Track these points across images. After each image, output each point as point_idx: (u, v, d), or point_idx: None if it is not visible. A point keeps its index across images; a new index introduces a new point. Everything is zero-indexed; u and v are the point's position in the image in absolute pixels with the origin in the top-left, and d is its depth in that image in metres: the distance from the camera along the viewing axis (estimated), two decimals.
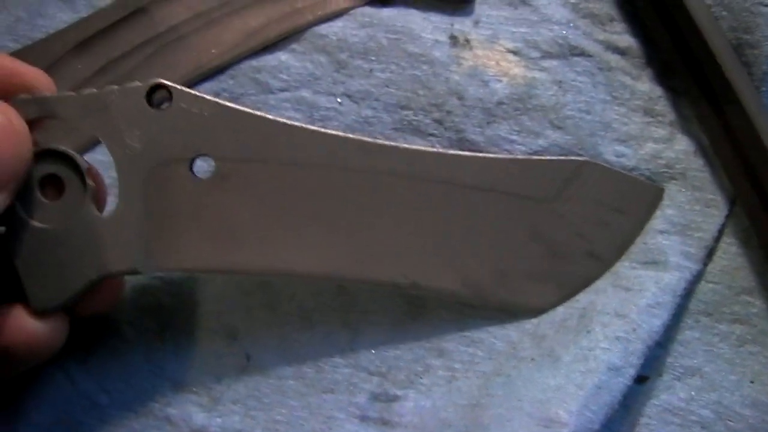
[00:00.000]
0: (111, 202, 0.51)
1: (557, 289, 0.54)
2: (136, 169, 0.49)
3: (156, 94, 0.49)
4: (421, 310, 0.55)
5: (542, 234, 0.53)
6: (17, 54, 0.58)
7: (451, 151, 0.54)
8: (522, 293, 0.54)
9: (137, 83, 0.49)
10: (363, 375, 0.54)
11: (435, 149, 0.55)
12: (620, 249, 0.55)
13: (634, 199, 0.55)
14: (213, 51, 0.59)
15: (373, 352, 0.55)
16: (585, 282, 0.54)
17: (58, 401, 0.54)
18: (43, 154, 0.47)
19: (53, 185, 0.48)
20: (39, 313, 0.47)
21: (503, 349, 0.54)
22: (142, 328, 0.56)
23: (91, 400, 0.54)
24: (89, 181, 0.48)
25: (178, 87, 0.49)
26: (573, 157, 0.55)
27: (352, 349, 0.55)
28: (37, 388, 0.54)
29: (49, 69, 0.54)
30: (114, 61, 0.59)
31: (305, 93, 0.58)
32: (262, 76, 0.58)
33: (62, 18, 0.60)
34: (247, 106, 0.56)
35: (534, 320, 0.54)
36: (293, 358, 0.55)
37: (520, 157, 0.55)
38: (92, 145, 0.56)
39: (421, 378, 0.54)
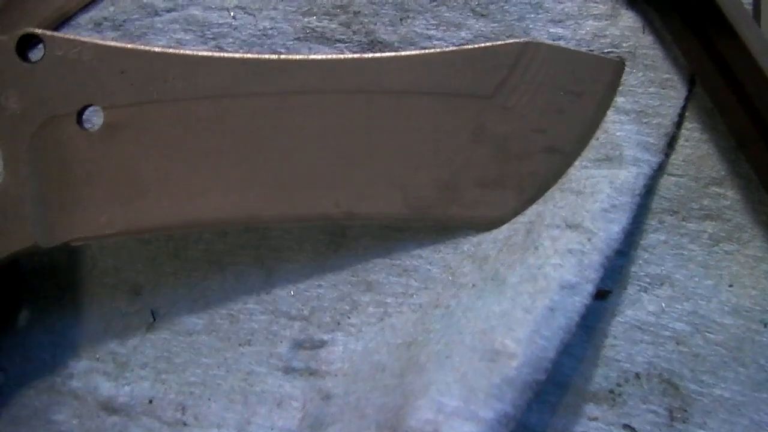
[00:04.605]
0: None
1: (517, 194, 0.39)
2: (18, 132, 0.37)
3: (28, 46, 0.38)
4: (342, 240, 0.41)
5: (490, 133, 0.39)
6: None
7: (369, 55, 0.40)
8: (476, 204, 0.39)
9: (3, 37, 0.37)
10: (283, 321, 0.40)
11: (349, 56, 0.41)
12: (582, 138, 0.39)
13: (591, 77, 0.39)
14: None
15: (292, 293, 0.40)
16: (547, 181, 0.39)
17: None
18: None
19: None
20: None
21: (440, 277, 0.39)
22: (37, 293, 0.42)
23: None
24: None
25: (49, 33, 0.37)
26: (512, 41, 0.40)
27: (267, 292, 0.40)
28: None
29: None
30: None
31: (194, 11, 0.43)
32: None
33: None
34: (131, 33, 0.43)
35: (473, 239, 0.39)
36: (204, 309, 0.41)
37: (450, 49, 0.40)
38: None
39: (348, 318, 0.40)
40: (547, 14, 0.41)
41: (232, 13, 0.43)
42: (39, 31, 0.37)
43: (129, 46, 0.38)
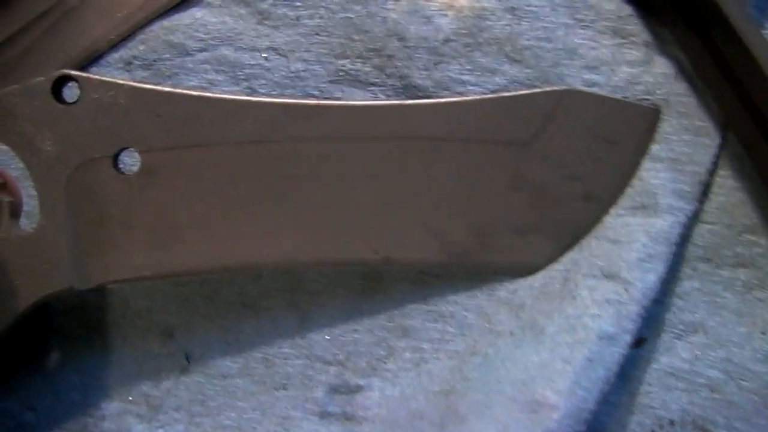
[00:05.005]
0: (31, 215, 0.39)
1: (553, 241, 0.39)
2: (54, 175, 0.37)
3: (63, 87, 0.37)
4: (378, 284, 0.40)
5: (526, 181, 0.38)
6: None
7: (407, 102, 0.39)
8: (512, 251, 0.39)
9: (40, 78, 0.37)
10: (318, 365, 0.40)
11: (386, 102, 0.41)
12: (618, 186, 0.39)
13: (627, 125, 0.39)
14: (118, 15, 0.43)
15: (328, 338, 0.40)
16: (583, 228, 0.39)
17: None
18: None
19: None
20: None
21: (476, 323, 0.39)
22: (67, 333, 0.42)
23: (16, 420, 0.41)
24: (5, 197, 0.37)
25: (85, 75, 0.37)
26: (549, 88, 0.40)
27: (303, 336, 0.40)
28: None
29: None
30: (9, 39, 0.44)
31: (226, 51, 0.43)
32: (177, 37, 0.43)
33: None
34: (162, 73, 0.43)
35: (509, 286, 0.39)
36: (238, 352, 0.40)
37: (488, 96, 0.40)
38: None
39: (385, 363, 0.39)
40: (582, 60, 0.41)
41: (264, 55, 0.42)
42: (75, 72, 0.37)
43: (165, 89, 0.37)
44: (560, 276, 0.39)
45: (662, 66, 0.40)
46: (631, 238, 0.38)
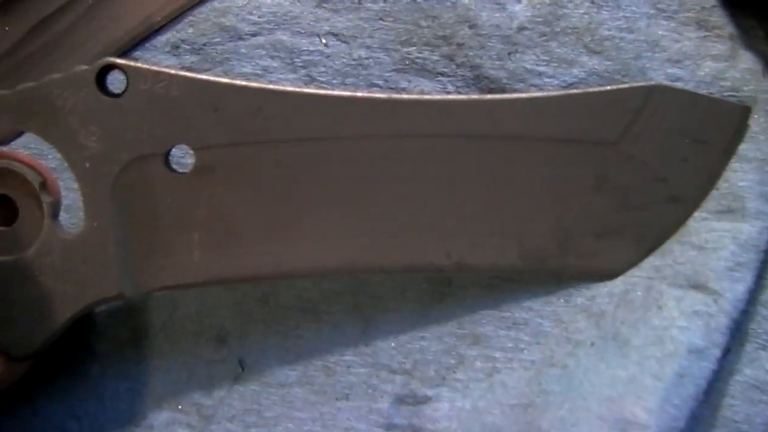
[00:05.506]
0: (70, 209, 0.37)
1: (635, 245, 0.37)
2: (100, 174, 0.34)
3: (108, 77, 0.34)
4: (447, 289, 0.38)
5: (610, 182, 0.36)
6: None
7: (488, 96, 0.37)
8: (592, 255, 0.36)
9: (83, 67, 0.33)
10: (383, 374, 0.37)
11: (462, 97, 0.38)
12: (705, 188, 0.37)
13: (717, 124, 0.37)
14: None
15: (393, 345, 0.38)
16: (667, 232, 0.37)
17: None
18: None
19: (4, 208, 0.34)
20: (13, 359, 0.34)
21: (552, 331, 0.37)
22: (113, 338, 0.39)
23: (59, 428, 0.38)
24: (46, 197, 0.33)
25: (133, 64, 0.34)
26: (636, 83, 0.37)
27: (366, 343, 0.38)
28: None
29: None
30: (48, 18, 0.40)
31: (282, 35, 0.39)
32: (228, 20, 0.40)
33: None
34: (213, 59, 0.40)
35: (587, 293, 0.37)
36: (296, 360, 0.38)
37: (573, 92, 0.37)
38: None
39: (454, 372, 0.37)
40: (665, 53, 0.38)
41: (323, 40, 0.39)
42: (121, 61, 0.33)
43: (223, 80, 0.34)
44: (642, 283, 0.36)
45: (748, 61, 0.38)
46: (717, 245, 0.36)
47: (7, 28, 0.41)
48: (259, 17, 0.40)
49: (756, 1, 0.38)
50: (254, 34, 0.40)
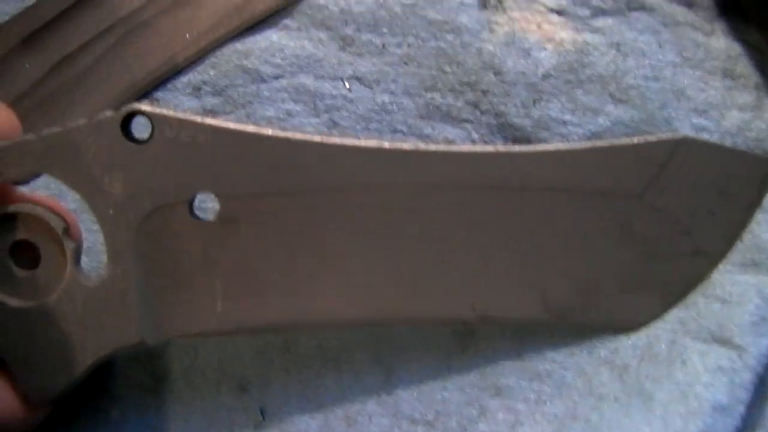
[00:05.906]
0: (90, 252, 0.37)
1: (659, 298, 0.37)
2: (124, 220, 0.33)
3: (134, 123, 0.33)
4: (470, 339, 0.37)
5: (635, 234, 0.36)
6: None
7: (514, 148, 0.36)
8: (616, 308, 0.36)
9: (109, 113, 0.32)
10: (405, 425, 0.37)
11: (490, 148, 0.37)
12: (729, 241, 0.37)
13: (742, 177, 0.37)
14: (187, 36, 0.39)
15: (415, 395, 0.37)
16: (691, 285, 0.37)
17: None
18: (5, 219, 0.32)
19: (27, 253, 0.33)
20: (34, 404, 0.33)
21: (576, 384, 0.37)
22: (133, 383, 0.39)
23: None
24: (69, 243, 0.33)
25: (159, 111, 0.33)
26: (664, 136, 0.36)
27: (388, 393, 0.37)
28: None
29: None
30: (69, 56, 0.40)
31: (305, 79, 0.39)
32: (251, 62, 0.39)
33: (3, 9, 0.40)
34: (234, 101, 0.39)
35: (610, 345, 0.37)
36: (317, 409, 0.37)
37: (601, 144, 0.36)
38: None
39: (477, 424, 0.37)
40: (690, 103, 0.38)
41: (347, 84, 0.39)
42: (147, 108, 0.33)
43: (250, 129, 0.34)
44: (666, 337, 0.36)
45: None
46: (741, 299, 0.36)
47: (27, 66, 0.40)
48: (281, 60, 0.39)
49: None
50: (277, 77, 0.39)
